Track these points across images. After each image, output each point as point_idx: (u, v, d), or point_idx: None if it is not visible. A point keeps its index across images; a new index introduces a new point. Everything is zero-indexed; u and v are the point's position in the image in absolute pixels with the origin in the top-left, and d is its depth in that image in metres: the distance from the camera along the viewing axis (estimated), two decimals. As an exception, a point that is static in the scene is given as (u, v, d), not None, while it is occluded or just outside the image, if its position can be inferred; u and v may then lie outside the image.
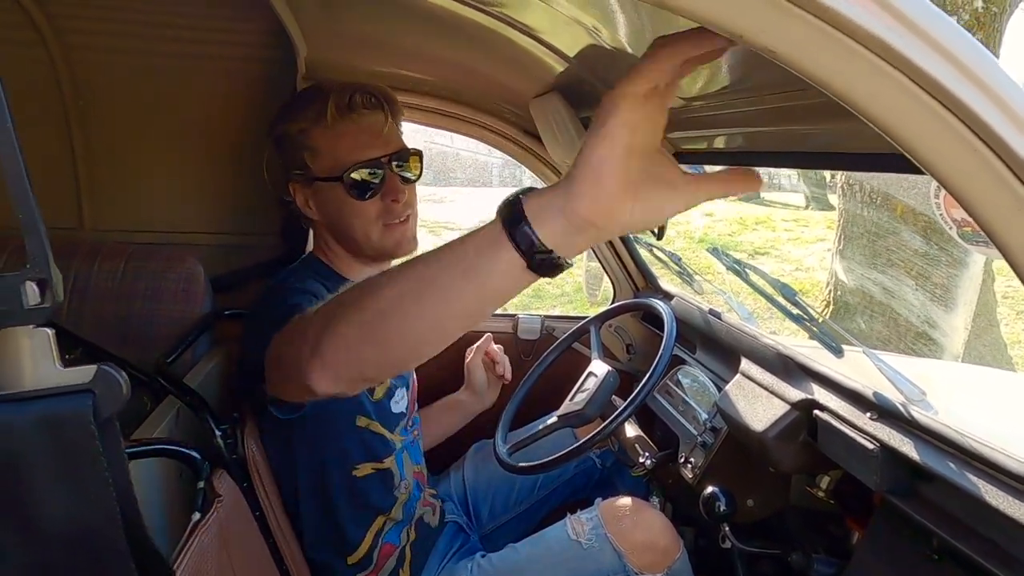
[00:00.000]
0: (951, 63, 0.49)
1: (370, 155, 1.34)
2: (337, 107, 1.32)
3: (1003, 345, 5.20)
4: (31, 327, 0.41)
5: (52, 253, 0.41)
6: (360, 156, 1.33)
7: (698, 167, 2.02)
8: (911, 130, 0.52)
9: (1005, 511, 0.85)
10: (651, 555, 1.42)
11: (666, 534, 1.46)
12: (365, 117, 1.34)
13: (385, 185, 1.37)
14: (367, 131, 1.35)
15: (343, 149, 1.33)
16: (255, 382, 1.08)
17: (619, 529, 1.43)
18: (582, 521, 1.47)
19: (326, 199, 1.38)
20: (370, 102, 1.35)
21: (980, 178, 0.52)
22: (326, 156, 1.35)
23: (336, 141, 1.34)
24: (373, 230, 1.38)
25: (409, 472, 1.52)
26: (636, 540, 1.42)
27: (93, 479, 0.43)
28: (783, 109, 0.92)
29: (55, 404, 0.42)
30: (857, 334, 4.57)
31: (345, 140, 1.33)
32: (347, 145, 1.33)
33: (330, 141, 1.34)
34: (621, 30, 1.00)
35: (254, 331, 1.23)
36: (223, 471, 1.15)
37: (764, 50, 0.49)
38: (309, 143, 1.36)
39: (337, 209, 1.37)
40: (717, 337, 1.68)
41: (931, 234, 4.47)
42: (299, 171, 1.39)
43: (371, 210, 1.37)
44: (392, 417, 1.47)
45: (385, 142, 1.37)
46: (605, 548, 1.41)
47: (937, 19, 0.49)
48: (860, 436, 1.08)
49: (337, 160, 1.34)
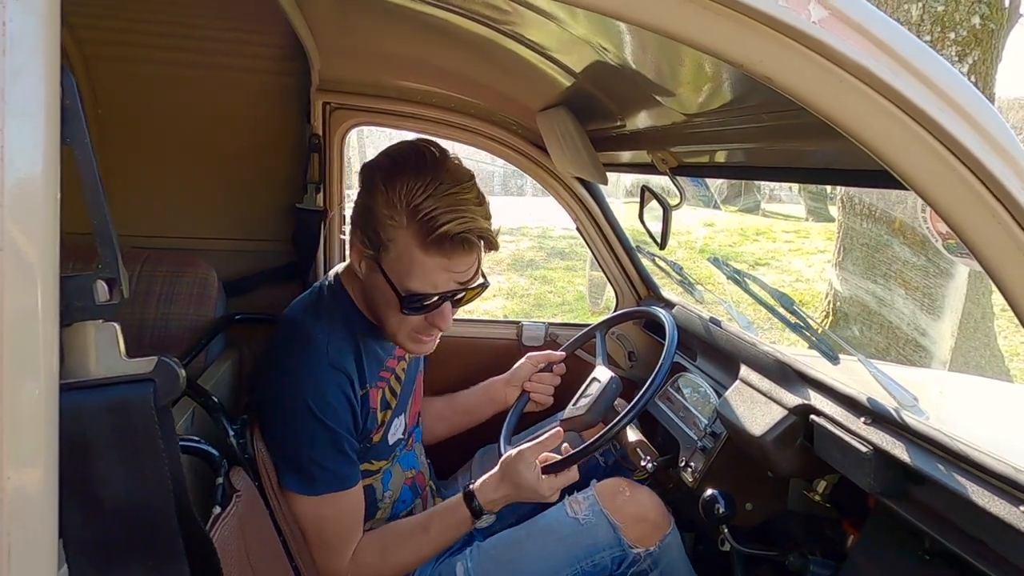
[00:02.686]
0: (930, 88, 0.54)
1: (442, 289, 1.26)
2: (442, 238, 1.18)
3: (1001, 357, 5.24)
4: (100, 321, 0.46)
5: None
6: (432, 289, 1.25)
7: (698, 180, 2.07)
8: (897, 150, 0.57)
9: (991, 511, 0.89)
10: (643, 527, 1.47)
11: (657, 509, 1.52)
12: (460, 258, 1.23)
13: (437, 312, 1.30)
14: (451, 270, 1.24)
15: (419, 274, 1.23)
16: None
17: (614, 504, 1.49)
18: (579, 500, 1.52)
19: (377, 285, 1.30)
20: (471, 249, 1.23)
21: (957, 192, 0.56)
22: (401, 264, 1.23)
23: (419, 264, 1.22)
24: (402, 334, 1.34)
25: (396, 483, 1.56)
26: (629, 513, 1.48)
27: (151, 461, 0.48)
28: (781, 127, 0.97)
29: (121, 391, 0.46)
30: (853, 342, 4.64)
31: (428, 269, 1.23)
32: (427, 273, 1.23)
33: (413, 258, 1.22)
34: (627, 49, 1.06)
35: (280, 409, 1.32)
36: (240, 468, 1.19)
37: (763, 78, 0.54)
38: (394, 240, 1.23)
39: (383, 301, 1.31)
40: (717, 344, 1.72)
41: (923, 247, 4.56)
42: (369, 248, 1.27)
43: (411, 323, 1.32)
44: (387, 449, 1.51)
45: (461, 280, 1.28)
46: (601, 523, 1.46)
47: (920, 51, 0.54)
48: (855, 440, 1.12)
49: (408, 277, 1.24)
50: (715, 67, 0.92)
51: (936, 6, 4.43)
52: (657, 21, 0.52)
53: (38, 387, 0.43)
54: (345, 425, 1.33)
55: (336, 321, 1.38)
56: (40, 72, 0.42)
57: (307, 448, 1.29)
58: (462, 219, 1.18)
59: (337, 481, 1.32)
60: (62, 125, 0.43)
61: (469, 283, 1.29)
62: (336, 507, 1.34)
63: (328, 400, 1.30)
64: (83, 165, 0.44)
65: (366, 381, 1.39)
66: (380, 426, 1.47)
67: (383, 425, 1.48)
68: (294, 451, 1.30)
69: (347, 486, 1.34)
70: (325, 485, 1.31)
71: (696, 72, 0.97)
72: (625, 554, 1.44)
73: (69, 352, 0.46)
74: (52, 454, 0.44)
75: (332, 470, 1.31)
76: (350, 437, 1.35)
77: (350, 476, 1.35)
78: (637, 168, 1.85)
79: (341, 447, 1.32)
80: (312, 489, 1.31)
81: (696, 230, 11.04)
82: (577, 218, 2.16)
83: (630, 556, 1.44)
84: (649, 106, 1.30)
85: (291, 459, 1.31)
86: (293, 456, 1.31)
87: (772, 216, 13.63)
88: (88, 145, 0.44)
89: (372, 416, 1.42)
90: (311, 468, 1.30)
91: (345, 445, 1.33)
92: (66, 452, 0.45)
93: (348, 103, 2.03)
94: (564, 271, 9.17)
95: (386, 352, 1.49)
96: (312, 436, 1.29)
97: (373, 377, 1.42)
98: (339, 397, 1.31)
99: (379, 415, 1.45)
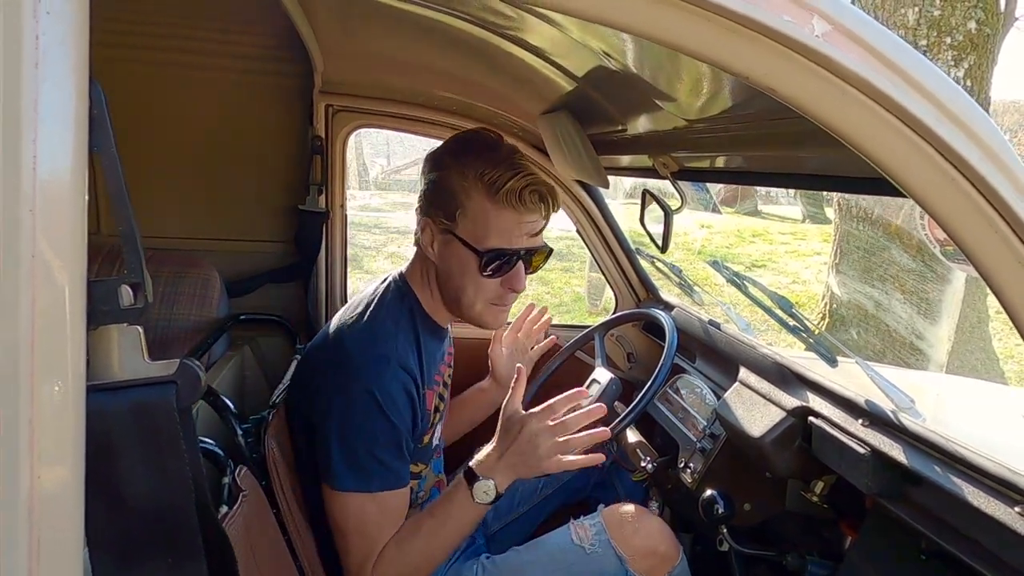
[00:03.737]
0: (929, 100, 0.56)
1: (516, 245, 1.36)
2: (511, 191, 1.32)
3: (995, 359, 5.28)
4: (124, 324, 0.47)
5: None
6: (507, 244, 1.35)
7: (700, 185, 2.09)
8: (897, 160, 0.58)
9: (987, 511, 0.91)
10: (651, 560, 1.46)
11: (666, 540, 1.49)
12: (529, 211, 1.35)
13: (512, 272, 1.39)
14: (524, 225, 1.36)
15: (495, 230, 1.34)
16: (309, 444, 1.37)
17: (621, 535, 1.47)
18: (585, 527, 1.50)
19: (454, 255, 1.39)
20: (536, 200, 1.35)
21: (955, 201, 0.58)
22: (478, 225, 1.35)
23: (494, 219, 1.34)
24: (479, 304, 1.41)
25: (429, 485, 1.58)
26: (637, 546, 1.46)
27: (173, 461, 0.49)
28: (781, 134, 0.98)
29: (144, 393, 0.47)
30: (850, 345, 4.67)
31: (503, 223, 1.34)
32: (502, 228, 1.34)
33: (487, 215, 1.34)
34: (629, 55, 1.07)
35: (346, 403, 1.31)
36: (245, 468, 1.20)
37: (767, 89, 0.55)
38: (468, 204, 1.35)
39: (460, 270, 1.39)
40: (716, 347, 1.74)
41: (919, 251, 4.60)
42: (445, 220, 1.38)
43: (489, 288, 1.39)
44: (430, 453, 1.53)
45: (533, 239, 1.39)
46: (608, 553, 1.45)
47: (919, 64, 0.56)
48: (852, 441, 1.14)
49: (485, 235, 1.35)
50: (717, 75, 0.93)
51: (932, 11, 4.46)
52: (667, 35, 0.53)
53: (66, 388, 0.44)
54: (406, 424, 1.34)
55: (403, 320, 1.42)
56: (70, 83, 0.43)
57: (369, 443, 1.29)
58: (524, 175, 1.33)
59: (393, 479, 1.33)
60: (90, 134, 0.45)
61: (538, 242, 1.40)
62: (384, 505, 1.33)
63: (394, 397, 1.31)
64: (109, 172, 0.45)
65: (425, 383, 1.41)
66: (430, 428, 1.48)
67: (432, 428, 1.49)
68: (354, 446, 1.30)
69: (400, 485, 1.35)
70: (381, 482, 1.31)
71: (698, 79, 0.99)
72: None
73: (94, 354, 0.47)
74: (79, 453, 0.45)
75: (390, 467, 1.32)
76: (408, 437, 1.36)
77: (404, 476, 1.36)
78: (638, 172, 1.87)
79: (400, 445, 1.33)
80: (367, 485, 1.30)
81: (693, 232, 11.06)
82: (577, 220, 2.18)
83: None
84: (651, 111, 1.31)
85: (349, 454, 1.30)
86: (352, 451, 1.30)
87: (769, 218, 13.67)
88: (114, 153, 0.46)
89: (426, 418, 1.44)
90: (370, 464, 1.30)
91: (404, 444, 1.34)
92: (91, 451, 0.47)
93: (350, 105, 2.05)
94: (561, 272, 9.18)
95: (440, 356, 1.52)
96: (376, 431, 1.29)
97: (430, 380, 1.45)
98: (403, 396, 1.33)
99: (432, 417, 1.47)
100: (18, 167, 0.40)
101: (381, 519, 1.34)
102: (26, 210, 0.40)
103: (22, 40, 0.40)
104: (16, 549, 0.42)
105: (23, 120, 0.41)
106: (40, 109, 0.41)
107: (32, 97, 0.41)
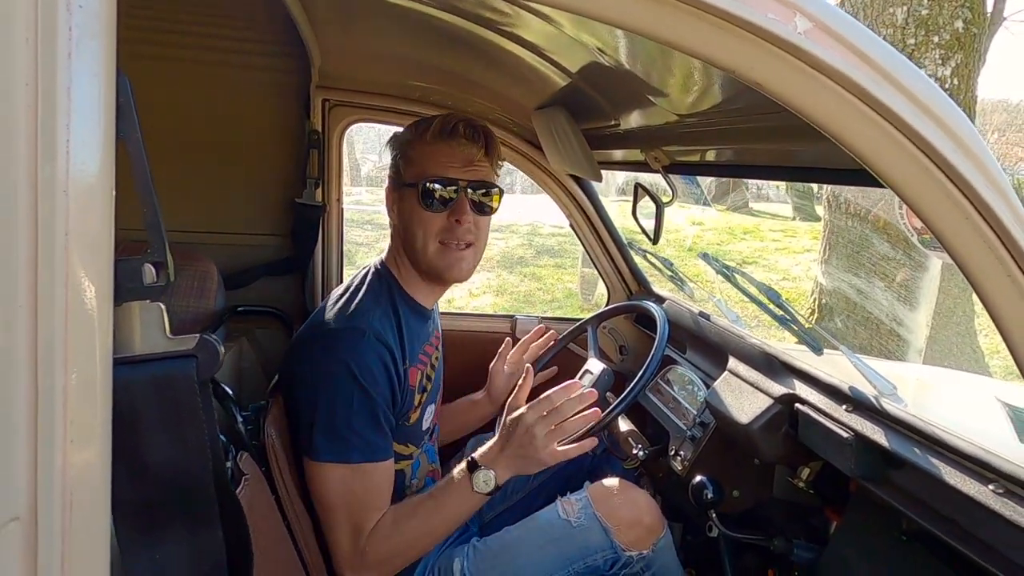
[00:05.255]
0: (906, 96, 0.59)
1: (451, 174, 1.44)
2: (441, 128, 1.43)
3: (981, 355, 5.36)
4: (147, 301, 0.50)
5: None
6: (442, 172, 1.43)
7: (690, 179, 2.12)
8: (875, 151, 0.62)
9: (963, 490, 0.95)
10: (636, 531, 1.49)
11: (651, 512, 1.53)
12: (462, 145, 1.44)
13: (455, 204, 1.44)
14: (458, 156, 1.44)
15: (431, 163, 1.44)
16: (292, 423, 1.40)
17: (607, 508, 1.50)
18: (572, 502, 1.54)
19: (404, 203, 1.48)
20: (471, 134, 1.45)
21: (930, 191, 0.62)
22: (416, 165, 1.46)
23: (428, 155, 1.44)
24: (430, 244, 1.46)
25: (423, 472, 1.61)
26: (622, 517, 1.49)
27: (193, 432, 0.52)
28: (769, 128, 1.02)
29: (166, 366, 0.50)
30: (837, 334, 4.76)
31: (436, 156, 1.44)
32: (436, 161, 1.44)
33: (424, 154, 1.45)
34: (621, 51, 1.10)
35: (321, 375, 1.35)
36: (247, 454, 1.23)
37: (754, 84, 0.59)
38: (408, 153, 1.48)
39: (408, 214, 1.47)
40: (707, 337, 1.78)
41: (903, 243, 4.70)
42: (394, 176, 1.52)
43: (435, 223, 1.45)
44: (420, 434, 1.56)
45: (471, 171, 1.46)
46: (593, 526, 1.48)
47: (898, 61, 0.59)
48: (837, 427, 1.18)
49: (423, 170, 1.44)
50: (707, 71, 0.97)
51: (920, 10, 4.52)
52: (659, 32, 0.56)
53: (95, 361, 0.47)
54: (383, 396, 1.37)
55: (381, 298, 1.46)
56: (100, 73, 0.46)
57: (344, 413, 1.32)
58: (455, 115, 1.46)
59: (370, 451, 1.35)
60: (117, 122, 0.47)
61: (479, 175, 1.47)
62: (366, 479, 1.36)
63: (369, 366, 1.34)
64: (135, 158, 0.48)
65: (407, 358, 1.44)
66: (417, 407, 1.51)
67: (419, 407, 1.52)
68: (331, 417, 1.33)
69: (379, 457, 1.37)
70: (359, 453, 1.34)
71: (688, 75, 1.02)
72: (618, 556, 1.47)
73: (119, 329, 0.50)
74: (106, 423, 0.48)
75: (367, 438, 1.34)
76: (387, 409, 1.38)
77: (383, 448, 1.38)
78: (630, 166, 1.90)
79: (377, 417, 1.35)
80: (347, 456, 1.33)
81: (684, 229, 11.13)
82: (570, 214, 2.21)
83: (623, 558, 1.47)
84: (643, 106, 1.34)
85: (327, 426, 1.33)
86: (329, 422, 1.33)
87: (760, 215, 13.76)
88: (140, 140, 0.48)
89: (410, 395, 1.47)
90: (347, 434, 1.33)
91: (381, 416, 1.36)
92: (115, 423, 0.49)
93: (347, 100, 2.07)
94: (553, 268, 9.22)
95: (425, 336, 1.56)
96: (350, 401, 1.32)
97: (414, 357, 1.48)
98: (379, 366, 1.36)
99: (416, 396, 1.50)
100: (54, 152, 0.43)
101: (364, 493, 1.37)
102: (61, 192, 0.43)
103: (56, 32, 0.43)
104: (51, 514, 0.45)
105: (58, 108, 0.43)
106: (73, 98, 0.44)
107: (66, 86, 0.43)
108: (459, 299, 7.82)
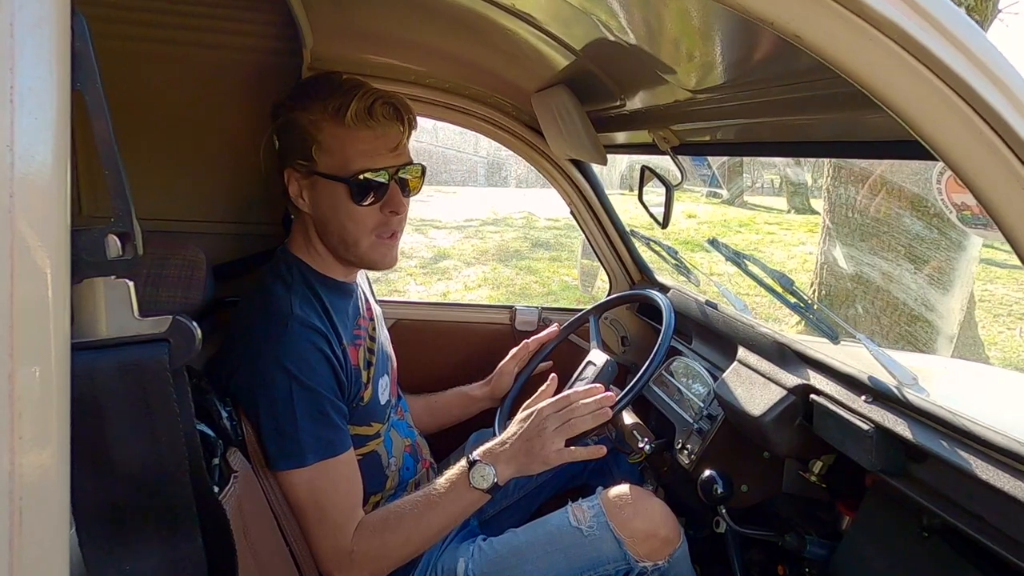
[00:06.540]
0: (962, 52, 0.53)
1: (381, 164, 1.33)
2: (358, 111, 1.30)
3: (981, 345, 5.35)
4: (112, 278, 0.44)
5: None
6: (371, 164, 1.32)
7: (700, 159, 2.06)
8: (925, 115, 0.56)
9: (996, 485, 0.90)
10: (652, 543, 1.42)
11: (667, 523, 1.46)
12: (383, 126, 1.33)
13: (387, 195, 1.36)
14: (383, 140, 1.33)
15: (355, 153, 1.32)
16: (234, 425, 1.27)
17: (621, 517, 1.44)
18: (583, 508, 1.47)
19: (324, 196, 1.36)
20: (390, 113, 1.33)
21: (983, 157, 0.56)
22: (336, 155, 1.33)
23: (350, 143, 1.32)
24: (364, 239, 1.38)
25: (398, 450, 1.54)
26: (637, 528, 1.42)
27: (165, 425, 0.46)
28: (789, 100, 0.96)
29: (134, 352, 0.44)
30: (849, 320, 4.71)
31: (360, 144, 1.32)
32: (361, 149, 1.32)
33: (343, 141, 1.32)
34: (631, 21, 1.04)
35: (258, 379, 1.27)
36: (236, 450, 1.17)
37: (792, 37, 0.53)
38: (320, 138, 1.33)
39: (333, 208, 1.36)
40: (714, 327, 1.72)
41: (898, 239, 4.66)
42: (302, 161, 1.36)
43: (369, 218, 1.36)
44: (380, 409, 1.49)
45: (397, 154, 1.36)
46: (606, 536, 1.42)
47: (952, 13, 0.53)
48: (855, 418, 1.13)
49: (347, 161, 1.32)
50: (724, 38, 0.91)
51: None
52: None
53: (49, 347, 0.41)
54: (328, 386, 1.29)
55: (296, 284, 1.37)
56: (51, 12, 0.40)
57: (290, 414, 1.25)
58: (368, 92, 1.31)
59: (325, 447, 1.28)
60: (72, 70, 0.41)
61: (404, 158, 1.38)
62: (330, 476, 1.29)
63: (305, 358, 1.27)
64: (95, 111, 0.42)
65: (342, 339, 1.37)
66: (367, 384, 1.44)
67: (369, 383, 1.45)
68: (278, 422, 1.26)
69: (336, 452, 1.30)
70: (314, 453, 1.27)
71: (703, 45, 0.96)
72: (631, 567, 1.40)
73: (80, 310, 0.44)
74: (64, 418, 0.42)
75: (318, 435, 1.27)
76: (335, 399, 1.31)
77: (338, 441, 1.31)
78: (636, 148, 1.84)
79: (324, 410, 1.28)
80: (302, 460, 1.26)
81: (680, 222, 11.10)
82: (571, 202, 2.15)
83: (636, 569, 1.40)
84: (652, 84, 1.28)
85: (276, 432, 1.26)
86: (277, 428, 1.26)
87: (755, 208, 13.75)
88: (100, 91, 0.42)
89: (356, 375, 1.40)
90: (298, 435, 1.25)
91: (328, 407, 1.29)
92: (77, 414, 0.43)
93: (340, 84, 2.00)
94: (549, 261, 9.17)
95: (354, 311, 1.48)
96: (294, 400, 1.25)
97: (349, 335, 1.41)
98: (315, 354, 1.28)
99: (363, 373, 1.43)
100: (-7, 99, 0.37)
101: (333, 490, 1.30)
102: (4, 146, 0.37)
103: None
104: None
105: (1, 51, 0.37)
106: (17, 35, 0.37)
107: (7, 22, 0.37)
108: (454, 294, 7.76)
